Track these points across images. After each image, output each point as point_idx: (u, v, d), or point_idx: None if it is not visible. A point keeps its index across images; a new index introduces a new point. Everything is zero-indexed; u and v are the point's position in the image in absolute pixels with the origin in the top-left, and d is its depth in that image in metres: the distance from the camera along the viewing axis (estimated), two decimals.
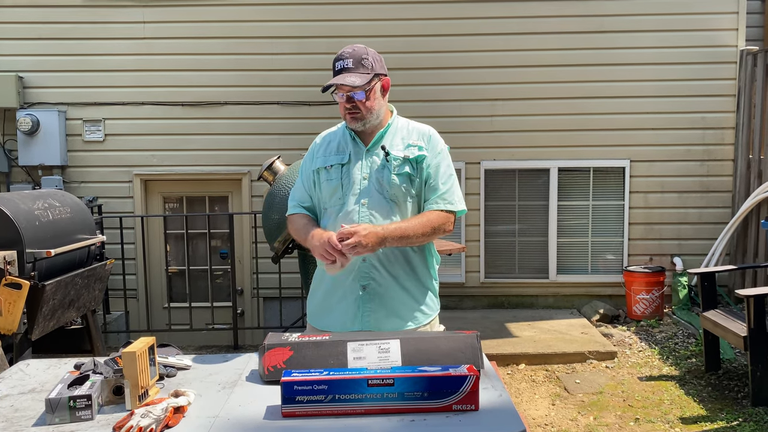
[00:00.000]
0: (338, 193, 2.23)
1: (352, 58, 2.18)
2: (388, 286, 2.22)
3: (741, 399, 4.16)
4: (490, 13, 6.11)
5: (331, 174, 2.25)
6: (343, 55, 2.19)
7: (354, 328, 2.20)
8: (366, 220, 2.18)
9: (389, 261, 2.22)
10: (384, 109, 2.27)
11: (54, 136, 6.06)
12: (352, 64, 2.17)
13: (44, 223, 3.80)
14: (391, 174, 2.21)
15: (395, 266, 2.23)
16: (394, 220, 2.20)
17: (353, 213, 2.20)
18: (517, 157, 6.24)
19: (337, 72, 2.18)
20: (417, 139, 2.28)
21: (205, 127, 6.22)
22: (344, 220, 2.19)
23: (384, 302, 2.22)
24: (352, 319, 2.22)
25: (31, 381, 1.99)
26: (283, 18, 6.14)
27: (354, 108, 2.19)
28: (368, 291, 2.21)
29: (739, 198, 6.05)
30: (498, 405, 1.70)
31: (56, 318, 3.86)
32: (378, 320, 2.21)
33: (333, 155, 2.27)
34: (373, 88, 2.20)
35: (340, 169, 2.24)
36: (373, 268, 2.20)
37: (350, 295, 2.22)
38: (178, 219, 6.33)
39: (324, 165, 2.27)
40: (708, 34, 6.09)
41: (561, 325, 5.70)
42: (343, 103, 2.20)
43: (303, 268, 4.68)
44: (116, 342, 5.73)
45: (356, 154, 2.25)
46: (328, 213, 2.26)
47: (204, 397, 1.80)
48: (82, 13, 6.14)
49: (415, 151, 2.25)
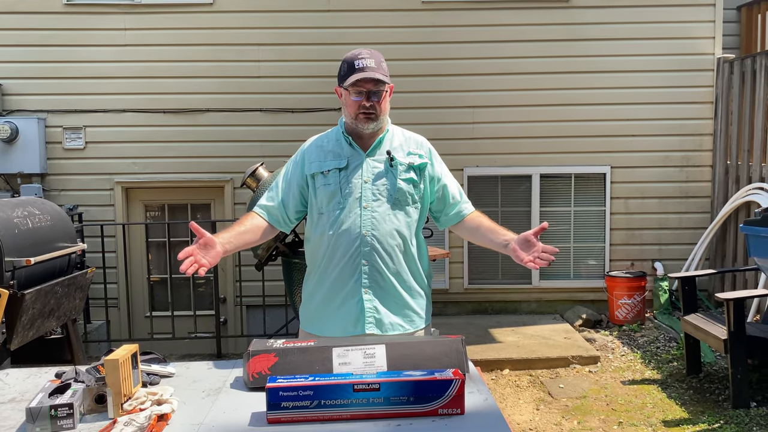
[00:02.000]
0: (337, 197, 2.22)
1: (373, 59, 2.17)
2: (389, 290, 2.23)
3: (722, 401, 4.21)
4: (471, 21, 6.16)
5: (329, 179, 2.23)
6: (362, 55, 2.17)
7: (357, 332, 2.20)
8: (368, 224, 2.20)
9: (392, 264, 2.23)
10: (388, 115, 2.29)
11: (33, 144, 5.99)
12: (374, 63, 2.17)
13: (24, 231, 3.74)
14: (396, 179, 2.23)
15: (397, 270, 2.24)
16: (396, 223, 2.22)
17: (354, 217, 2.20)
18: (499, 163, 6.28)
19: (357, 70, 2.15)
20: (416, 148, 2.32)
21: (187, 134, 6.19)
22: (345, 224, 2.19)
23: (385, 305, 2.23)
24: (354, 323, 2.22)
25: (10, 390, 1.96)
26: (265, 25, 6.13)
27: (372, 107, 2.18)
28: (371, 295, 2.21)
29: (718, 203, 6.13)
30: (483, 409, 1.70)
31: (36, 327, 3.80)
32: (380, 324, 2.22)
33: (329, 160, 2.25)
34: (387, 90, 2.22)
35: (338, 173, 2.23)
36: (376, 271, 2.21)
37: (352, 299, 2.22)
38: (159, 227, 6.28)
39: (320, 170, 2.24)
40: (686, 43, 6.19)
41: (544, 331, 5.73)
42: (360, 102, 2.17)
43: (287, 275, 4.66)
44: (97, 352, 5.66)
45: (355, 159, 2.25)
46: (325, 217, 2.24)
47: (188, 404, 1.79)
48: (63, 19, 6.09)
49: (417, 159, 2.28)
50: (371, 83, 2.15)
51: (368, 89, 2.16)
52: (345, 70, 2.19)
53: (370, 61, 2.16)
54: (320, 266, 2.27)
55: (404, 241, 2.24)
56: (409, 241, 2.26)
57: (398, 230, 2.22)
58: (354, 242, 2.19)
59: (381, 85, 2.17)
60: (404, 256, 2.25)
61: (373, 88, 2.16)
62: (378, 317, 2.22)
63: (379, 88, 2.17)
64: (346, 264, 2.21)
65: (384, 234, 2.20)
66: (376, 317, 2.21)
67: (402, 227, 2.24)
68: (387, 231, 2.21)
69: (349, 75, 2.16)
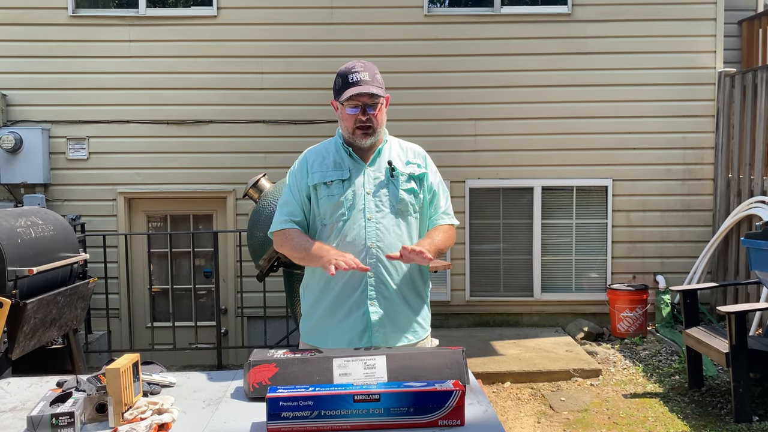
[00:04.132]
0: (341, 209, 2.21)
1: (367, 71, 2.18)
2: (394, 301, 2.23)
3: (724, 415, 4.19)
4: (474, 34, 6.20)
5: (332, 189, 2.22)
6: (356, 68, 2.18)
7: (362, 344, 2.19)
8: (373, 235, 2.20)
9: (397, 275, 2.23)
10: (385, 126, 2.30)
11: (37, 154, 6.02)
12: (368, 76, 2.17)
13: (26, 241, 3.76)
14: (398, 189, 2.24)
15: (401, 281, 2.24)
16: (399, 234, 2.23)
17: (359, 229, 2.20)
18: (501, 175, 6.29)
19: (351, 84, 2.16)
20: (414, 157, 2.33)
21: (190, 146, 6.22)
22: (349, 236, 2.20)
23: (391, 317, 2.23)
24: (360, 334, 2.21)
25: (12, 399, 1.96)
26: (269, 38, 6.18)
27: (368, 121, 2.18)
28: (377, 306, 2.21)
29: (720, 217, 6.13)
30: (484, 420, 1.70)
31: (37, 337, 3.81)
32: (386, 335, 2.22)
33: (331, 171, 2.25)
34: (383, 102, 2.23)
35: (341, 184, 2.23)
36: (381, 283, 2.21)
37: (357, 310, 2.21)
38: (161, 237, 6.29)
39: (323, 180, 2.24)
40: (687, 57, 6.22)
41: (546, 343, 5.71)
42: (356, 116, 2.18)
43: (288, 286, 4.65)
44: (98, 362, 5.65)
45: (356, 170, 2.25)
46: (328, 228, 2.24)
47: (188, 414, 1.79)
48: (68, 31, 6.14)
49: (416, 168, 2.30)
50: (366, 97, 2.16)
51: (364, 102, 2.17)
52: (340, 84, 2.20)
53: (365, 75, 2.16)
54: (323, 278, 2.24)
55: None
56: None
57: (402, 241, 2.22)
58: (359, 254, 2.18)
59: (376, 98, 2.18)
60: (408, 267, 2.25)
61: (368, 101, 2.17)
62: (384, 329, 2.21)
63: (375, 101, 2.18)
64: (352, 276, 2.19)
65: (389, 245, 2.20)
66: (382, 329, 2.21)
67: (405, 238, 2.24)
68: (392, 242, 2.21)
69: (344, 89, 2.17)
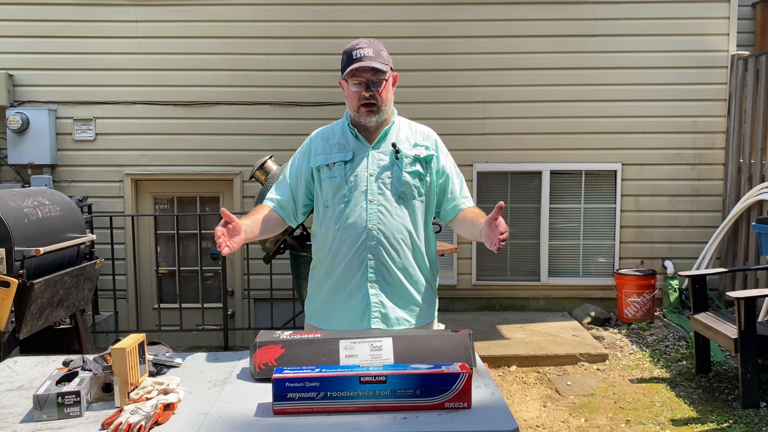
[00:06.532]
0: (343, 190, 2.20)
1: (372, 48, 2.14)
2: (396, 285, 2.22)
3: (731, 401, 4.18)
4: (483, 15, 6.12)
5: (335, 171, 2.21)
6: (361, 45, 2.15)
7: (362, 327, 2.19)
8: (374, 218, 2.18)
9: (399, 259, 2.21)
10: (392, 105, 2.26)
11: (44, 135, 6.01)
12: (372, 53, 2.13)
13: (33, 221, 3.76)
14: (402, 171, 2.21)
15: (404, 265, 2.22)
16: (401, 217, 2.20)
17: (360, 211, 2.18)
18: (509, 159, 6.24)
19: (355, 59, 2.12)
20: (423, 139, 2.29)
21: (197, 127, 6.19)
22: (351, 218, 2.18)
23: (393, 300, 2.21)
24: (360, 317, 2.20)
25: (18, 378, 1.96)
26: (276, 18, 6.12)
27: (372, 97, 2.14)
28: (377, 289, 2.19)
29: (730, 202, 6.08)
30: (490, 403, 1.69)
31: (44, 317, 3.82)
32: (386, 318, 2.21)
33: (335, 152, 2.23)
34: (389, 80, 2.19)
35: (343, 166, 2.21)
36: (382, 265, 2.19)
37: (358, 293, 2.20)
38: (168, 219, 6.30)
39: (326, 162, 2.23)
40: (699, 39, 6.13)
41: (552, 328, 5.70)
42: (360, 93, 2.15)
43: (295, 268, 4.66)
44: (105, 342, 5.68)
45: (360, 152, 2.23)
46: (330, 210, 2.22)
47: (194, 394, 1.78)
48: (75, 11, 6.10)
49: (423, 150, 2.26)
50: (369, 72, 2.12)
51: (367, 79, 2.13)
52: (345, 61, 2.17)
53: (368, 51, 2.13)
54: (326, 260, 2.25)
55: (410, 235, 2.23)
56: (415, 235, 2.24)
57: (404, 224, 2.21)
58: (360, 236, 2.17)
59: (380, 74, 2.13)
60: (411, 251, 2.23)
61: (372, 77, 2.13)
62: (384, 312, 2.20)
63: (379, 77, 2.14)
64: (352, 258, 2.19)
65: (390, 228, 2.19)
66: (381, 312, 2.20)
67: (408, 221, 2.22)
68: (393, 225, 2.19)
69: (348, 66, 2.14)
